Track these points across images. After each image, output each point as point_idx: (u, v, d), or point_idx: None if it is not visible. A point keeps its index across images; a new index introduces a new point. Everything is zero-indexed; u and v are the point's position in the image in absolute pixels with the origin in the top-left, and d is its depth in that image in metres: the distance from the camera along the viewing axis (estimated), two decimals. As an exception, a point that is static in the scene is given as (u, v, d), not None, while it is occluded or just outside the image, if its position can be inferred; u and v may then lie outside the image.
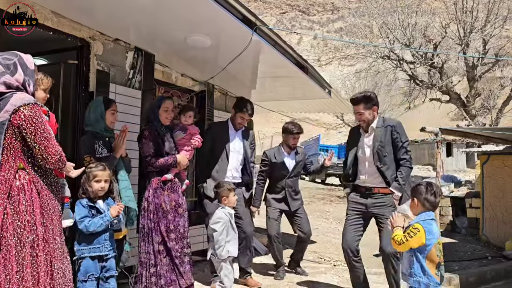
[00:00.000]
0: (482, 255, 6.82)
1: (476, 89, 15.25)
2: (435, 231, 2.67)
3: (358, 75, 19.93)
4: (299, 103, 7.91)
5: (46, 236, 2.07)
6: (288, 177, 4.68)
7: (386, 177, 3.52)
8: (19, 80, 2.10)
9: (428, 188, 2.75)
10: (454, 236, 8.56)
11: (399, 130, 3.58)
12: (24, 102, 2.02)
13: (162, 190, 3.44)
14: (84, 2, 3.30)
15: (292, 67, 4.73)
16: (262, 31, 3.85)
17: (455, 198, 9.17)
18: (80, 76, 3.79)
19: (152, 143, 3.44)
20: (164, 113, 3.53)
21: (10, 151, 2.03)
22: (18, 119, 2.00)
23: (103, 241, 2.85)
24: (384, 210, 3.51)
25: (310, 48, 51.47)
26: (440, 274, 2.66)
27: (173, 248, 3.39)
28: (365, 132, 3.69)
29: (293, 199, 4.71)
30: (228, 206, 3.60)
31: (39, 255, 2.03)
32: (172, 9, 3.37)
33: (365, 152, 3.65)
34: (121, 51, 4.15)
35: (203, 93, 5.54)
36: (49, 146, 2.05)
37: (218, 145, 4.23)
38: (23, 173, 2.05)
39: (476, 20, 14.15)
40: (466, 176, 16.93)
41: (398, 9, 15.19)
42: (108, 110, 3.23)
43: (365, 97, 3.62)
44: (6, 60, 2.09)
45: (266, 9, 68.33)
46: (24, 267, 1.99)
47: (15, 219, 2.00)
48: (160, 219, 3.38)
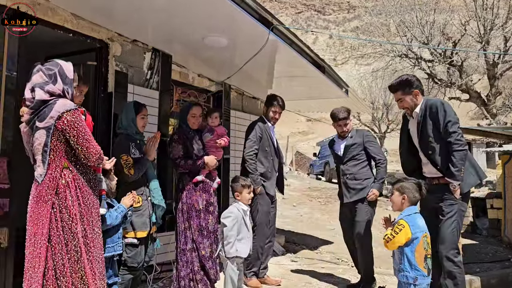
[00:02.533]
0: (504, 257, 6.67)
1: (497, 87, 14.93)
2: (420, 224, 2.76)
3: (375, 74, 19.71)
4: (316, 102, 7.87)
5: (87, 228, 2.30)
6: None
7: (437, 165, 3.18)
8: (59, 88, 2.33)
9: (419, 186, 2.85)
10: (475, 237, 8.40)
11: (439, 110, 3.13)
12: (66, 109, 2.25)
13: (194, 191, 3.62)
14: (103, 4, 3.34)
15: (309, 67, 4.71)
16: (278, 31, 3.84)
17: (475, 199, 8.99)
18: (99, 77, 3.84)
19: (182, 146, 3.63)
20: (192, 119, 3.71)
21: (56, 152, 2.26)
22: (62, 124, 2.23)
23: (117, 239, 2.81)
24: (442, 205, 3.17)
25: (326, 47, 51.17)
26: (427, 266, 2.73)
27: (204, 245, 3.58)
28: (412, 118, 3.37)
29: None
30: (242, 202, 3.50)
31: (82, 247, 2.25)
32: (189, 10, 3.39)
33: (416, 140, 3.35)
34: (139, 52, 4.19)
35: (220, 93, 5.56)
36: (90, 147, 2.29)
37: (267, 144, 4.29)
38: (67, 172, 2.28)
39: (497, 17, 13.85)
40: (487, 177, 16.56)
41: (416, 7, 14.99)
42: (139, 115, 3.35)
43: (401, 82, 3.28)
44: (48, 70, 2.33)
45: (281, 9, 68.23)
46: (72, 258, 2.21)
47: (64, 214, 2.22)
48: (193, 218, 3.57)
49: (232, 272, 3.31)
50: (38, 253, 2.19)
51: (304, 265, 5.41)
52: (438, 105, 3.16)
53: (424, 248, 2.72)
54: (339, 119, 4.20)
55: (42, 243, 2.19)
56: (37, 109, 2.27)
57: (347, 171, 4.16)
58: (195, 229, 3.57)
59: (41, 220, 2.21)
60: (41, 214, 2.21)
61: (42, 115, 2.25)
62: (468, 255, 6.21)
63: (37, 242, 2.20)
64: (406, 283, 2.71)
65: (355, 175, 4.12)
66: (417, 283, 2.69)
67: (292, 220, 9.67)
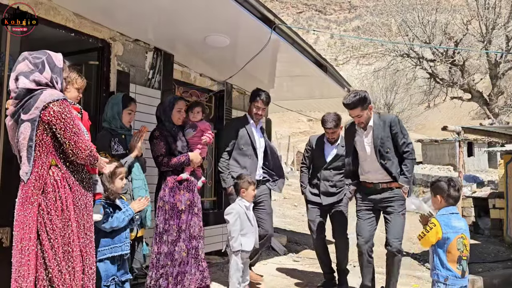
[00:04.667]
0: (507, 257, 6.65)
1: (499, 87, 14.91)
2: (454, 225, 2.72)
3: (376, 74, 19.69)
4: (317, 102, 7.86)
5: (79, 232, 2.13)
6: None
7: (392, 172, 3.56)
8: (47, 77, 2.13)
9: (450, 183, 2.81)
10: (477, 237, 8.37)
11: (397, 124, 3.58)
12: (53, 99, 2.05)
13: (178, 190, 3.43)
14: (105, 3, 3.34)
15: (311, 66, 4.70)
16: (280, 30, 3.83)
17: (477, 199, 8.97)
18: (101, 76, 3.83)
19: (163, 142, 3.42)
20: (177, 114, 3.50)
21: (42, 147, 2.06)
22: (48, 115, 2.03)
23: (124, 239, 2.76)
24: (394, 204, 3.57)
25: (327, 47, 51.12)
26: (461, 268, 2.70)
27: (181, 248, 3.37)
28: (363, 130, 3.67)
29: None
30: (246, 199, 3.56)
31: (74, 250, 2.08)
32: (191, 9, 3.38)
33: (366, 150, 3.67)
34: (141, 52, 4.19)
35: (222, 92, 5.55)
36: (78, 141, 2.08)
37: (243, 142, 4.02)
38: (56, 170, 2.09)
39: (499, 16, 13.84)
40: (488, 176, 16.54)
41: (417, 6, 14.97)
42: (126, 110, 3.22)
43: (360, 99, 3.50)
44: (35, 58, 2.14)
45: (283, 9, 68.20)
46: (61, 261, 2.04)
47: (52, 215, 2.04)
48: (173, 219, 3.37)
49: (236, 266, 3.41)
50: (26, 261, 1.99)
51: (306, 265, 5.40)
52: (396, 121, 3.59)
53: (458, 249, 2.68)
54: (326, 127, 4.22)
55: (31, 250, 2.00)
56: (22, 99, 2.06)
57: (330, 178, 4.25)
58: (174, 230, 3.35)
59: (28, 224, 2.01)
60: (27, 217, 2.02)
61: (27, 106, 2.04)
62: (470, 254, 6.19)
63: (25, 249, 2.00)
64: (437, 281, 2.71)
65: (335, 183, 4.24)
66: (448, 283, 2.66)
67: (294, 219, 9.66)
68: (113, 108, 3.19)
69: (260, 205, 3.99)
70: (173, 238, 3.34)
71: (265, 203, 4.03)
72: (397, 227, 3.54)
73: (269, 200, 4.15)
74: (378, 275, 4.26)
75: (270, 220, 4.09)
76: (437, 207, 2.86)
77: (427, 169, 22.55)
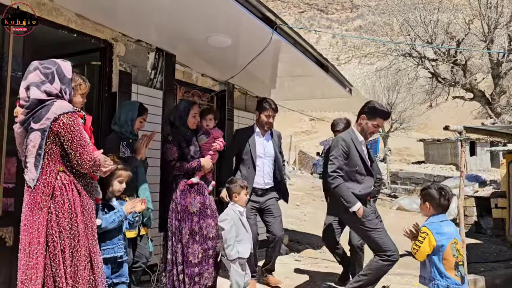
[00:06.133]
0: (509, 257, 6.64)
1: (501, 86, 14.87)
2: (446, 231, 2.68)
3: (378, 73, 19.67)
4: (319, 102, 7.86)
5: (86, 233, 2.22)
6: None
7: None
8: (57, 88, 2.24)
9: (441, 192, 2.76)
10: (479, 237, 8.36)
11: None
12: (63, 111, 2.16)
13: (188, 193, 3.51)
14: (107, 4, 3.35)
15: (312, 66, 4.70)
16: (282, 30, 3.84)
17: (479, 198, 8.96)
18: (103, 77, 3.85)
19: (177, 147, 3.50)
20: (193, 119, 3.58)
21: (51, 155, 2.17)
22: (57, 126, 2.14)
23: (117, 241, 2.77)
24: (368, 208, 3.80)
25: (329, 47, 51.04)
26: (459, 274, 2.65)
27: (193, 250, 3.42)
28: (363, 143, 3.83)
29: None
30: (239, 203, 3.47)
31: (79, 251, 2.16)
32: (193, 9, 3.39)
33: (364, 163, 3.83)
34: (142, 52, 4.21)
35: (223, 92, 5.56)
36: (83, 153, 2.18)
37: (244, 152, 4.14)
38: (64, 175, 2.20)
39: (501, 15, 13.80)
40: (491, 176, 16.50)
41: (419, 6, 14.95)
42: (139, 118, 3.33)
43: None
44: (45, 69, 2.23)
45: (284, 9, 68.15)
46: (67, 262, 2.12)
47: (60, 218, 2.13)
48: (185, 221, 3.44)
49: (236, 275, 3.28)
50: (34, 264, 2.06)
51: (308, 264, 5.41)
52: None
53: (453, 255, 2.63)
54: (335, 130, 4.50)
55: (39, 253, 2.07)
56: (33, 109, 2.16)
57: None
58: (186, 232, 3.42)
59: (37, 228, 2.09)
60: (36, 222, 2.10)
61: (38, 116, 2.15)
62: (472, 254, 6.18)
63: (33, 252, 2.08)
64: None
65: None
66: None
67: (296, 219, 9.67)
68: (128, 113, 3.29)
69: (267, 210, 4.09)
70: (186, 240, 3.42)
71: (271, 207, 4.11)
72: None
73: (276, 204, 4.20)
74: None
75: (277, 223, 4.12)
76: (425, 214, 2.82)
77: (429, 169, 22.54)
